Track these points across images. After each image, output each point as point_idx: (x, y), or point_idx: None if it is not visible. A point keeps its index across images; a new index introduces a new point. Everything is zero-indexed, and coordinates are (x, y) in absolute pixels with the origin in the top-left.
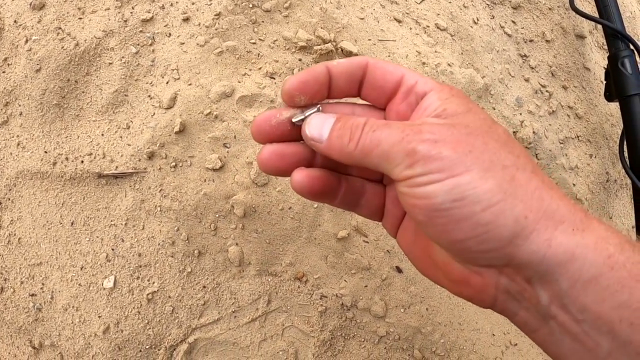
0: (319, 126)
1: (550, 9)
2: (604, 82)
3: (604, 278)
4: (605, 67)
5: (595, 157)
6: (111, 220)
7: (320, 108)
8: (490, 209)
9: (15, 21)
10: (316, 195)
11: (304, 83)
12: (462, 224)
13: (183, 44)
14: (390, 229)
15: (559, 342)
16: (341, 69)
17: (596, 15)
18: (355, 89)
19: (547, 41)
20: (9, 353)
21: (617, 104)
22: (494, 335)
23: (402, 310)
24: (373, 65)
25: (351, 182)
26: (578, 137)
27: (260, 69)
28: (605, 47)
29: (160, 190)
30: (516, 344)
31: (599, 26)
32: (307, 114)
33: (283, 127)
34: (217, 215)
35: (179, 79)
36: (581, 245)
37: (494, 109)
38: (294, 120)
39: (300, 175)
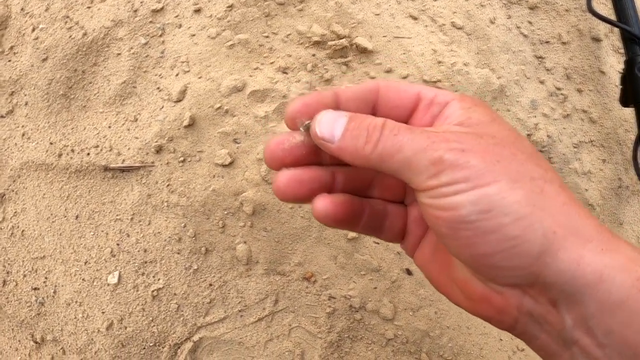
0: (330, 124)
1: (567, 10)
2: (620, 86)
3: (632, 301)
4: (621, 71)
5: (608, 162)
6: (117, 215)
7: None
8: (519, 222)
9: (22, 9)
10: (340, 222)
11: (307, 106)
12: (489, 237)
13: (194, 35)
14: (409, 248)
15: None
16: (350, 94)
17: (613, 18)
18: (368, 112)
19: (563, 43)
20: (10, 347)
21: (632, 109)
22: (501, 340)
23: (410, 313)
24: (385, 87)
25: (373, 205)
26: (592, 141)
27: (272, 63)
28: (622, 50)
29: (168, 185)
30: (523, 349)
31: (615, 29)
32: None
33: (297, 151)
34: (225, 212)
35: (189, 71)
36: (609, 266)
37: (509, 110)
38: (300, 127)
39: (324, 202)
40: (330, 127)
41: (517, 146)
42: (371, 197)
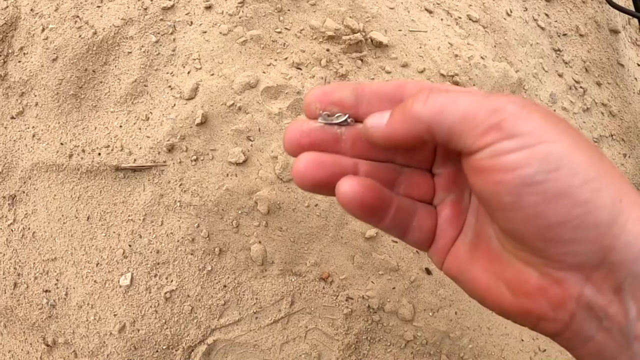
0: (379, 115)
1: (583, 1)
2: (639, 79)
3: None
4: None
5: (629, 156)
6: (128, 215)
7: (350, 119)
8: (589, 184)
9: (31, 9)
10: (368, 209)
11: (326, 94)
12: (558, 202)
13: (205, 32)
14: (438, 255)
15: None
16: (374, 88)
17: (632, 8)
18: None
19: (580, 35)
20: (22, 350)
21: None
22: (522, 340)
23: (430, 314)
24: (415, 83)
25: (401, 200)
26: (612, 135)
27: (286, 59)
28: None
29: (180, 185)
30: (545, 350)
31: (633, 21)
32: (335, 119)
33: (317, 135)
34: (239, 212)
35: (200, 68)
36: None
37: None
38: (320, 119)
39: (351, 183)
40: (380, 116)
41: (566, 122)
42: (397, 193)
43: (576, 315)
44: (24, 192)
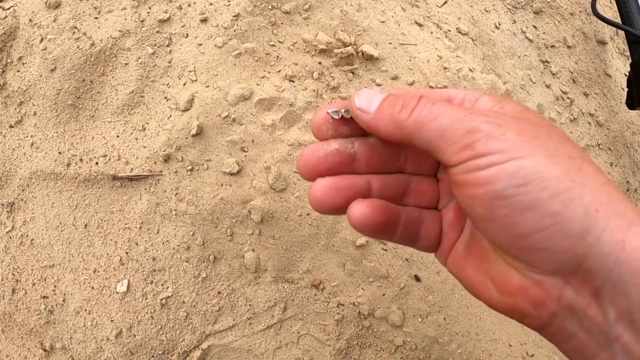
0: (369, 97)
1: (571, 14)
2: (626, 89)
3: None
4: (627, 73)
5: (615, 165)
6: (125, 224)
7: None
8: (558, 196)
9: (30, 20)
10: (378, 228)
11: (334, 112)
12: (528, 213)
13: (201, 45)
14: (443, 254)
15: None
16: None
17: (618, 21)
18: None
19: (568, 47)
20: (20, 355)
21: (639, 111)
22: (510, 345)
23: (419, 320)
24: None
25: (408, 213)
26: (599, 145)
27: (279, 71)
28: (627, 53)
29: (176, 194)
30: (533, 355)
31: (620, 32)
32: (345, 113)
33: (332, 158)
34: (233, 221)
35: (196, 80)
36: None
37: None
38: (329, 111)
39: (361, 206)
40: (369, 99)
41: (553, 129)
42: (406, 204)
43: (557, 314)
44: (22, 200)
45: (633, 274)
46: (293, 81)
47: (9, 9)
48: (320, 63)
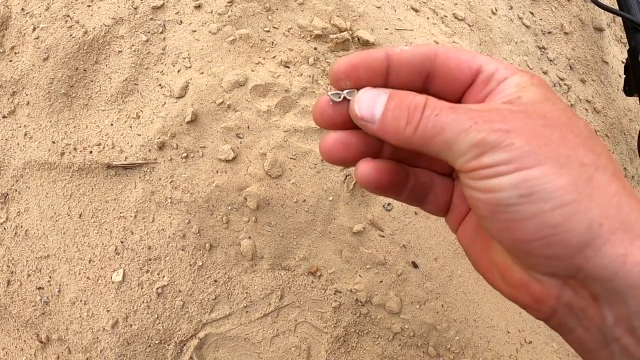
0: (370, 104)
1: (568, 0)
2: (623, 76)
3: None
4: (625, 60)
5: (613, 152)
6: (120, 212)
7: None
8: (561, 209)
9: (22, 9)
10: (382, 189)
11: (354, 67)
12: (527, 223)
13: (195, 31)
14: (452, 224)
15: None
16: (405, 59)
17: (615, 7)
18: (420, 82)
19: (565, 33)
20: (16, 347)
21: (636, 98)
22: (508, 332)
23: (417, 307)
24: (444, 54)
25: (419, 176)
26: (596, 132)
27: (274, 57)
28: (624, 40)
29: (171, 182)
30: (531, 342)
31: (618, 19)
32: (347, 95)
33: (347, 113)
34: (229, 208)
35: (190, 67)
36: None
37: None
38: (329, 94)
39: (367, 166)
40: (370, 106)
41: (569, 128)
42: (419, 166)
43: (557, 310)
44: (16, 191)
45: (633, 287)
46: (288, 67)
47: None
48: (315, 49)
